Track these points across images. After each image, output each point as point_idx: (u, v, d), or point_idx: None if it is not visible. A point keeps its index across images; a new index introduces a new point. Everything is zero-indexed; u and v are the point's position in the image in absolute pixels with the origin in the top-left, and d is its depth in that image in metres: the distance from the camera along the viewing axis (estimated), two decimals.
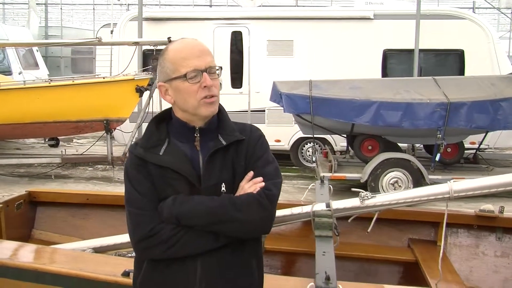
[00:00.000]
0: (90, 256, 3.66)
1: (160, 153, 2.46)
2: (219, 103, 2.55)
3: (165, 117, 2.59)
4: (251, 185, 2.45)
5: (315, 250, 4.31)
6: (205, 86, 2.40)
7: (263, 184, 2.44)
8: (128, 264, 3.15)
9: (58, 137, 15.50)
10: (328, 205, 3.79)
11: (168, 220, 2.39)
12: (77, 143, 17.05)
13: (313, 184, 4.76)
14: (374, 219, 3.83)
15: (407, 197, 3.73)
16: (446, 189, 3.65)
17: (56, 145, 15.86)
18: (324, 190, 4.52)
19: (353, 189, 4.02)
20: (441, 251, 3.70)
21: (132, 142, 12.18)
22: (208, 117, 2.48)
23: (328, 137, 12.76)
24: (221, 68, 2.49)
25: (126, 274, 3.08)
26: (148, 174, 2.44)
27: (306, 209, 3.82)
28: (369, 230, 3.84)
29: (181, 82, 2.41)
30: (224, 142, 2.48)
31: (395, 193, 3.78)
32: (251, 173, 2.48)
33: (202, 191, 2.43)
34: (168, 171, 2.43)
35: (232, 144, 2.50)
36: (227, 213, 2.37)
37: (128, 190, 2.48)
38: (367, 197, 3.74)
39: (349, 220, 3.92)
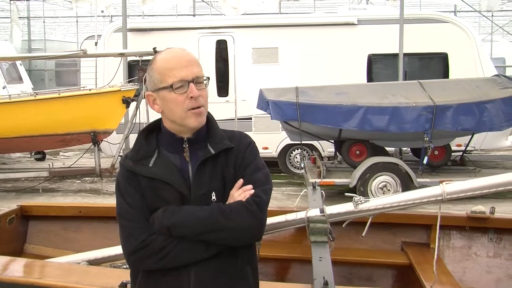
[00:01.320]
0: (85, 269, 3.64)
1: (150, 165, 2.46)
2: (208, 112, 2.56)
3: (155, 128, 2.59)
4: (240, 193, 2.45)
5: (309, 256, 4.32)
6: (191, 97, 2.40)
7: (252, 191, 2.45)
8: (124, 275, 3.14)
9: (44, 151, 15.42)
10: (322, 211, 3.80)
11: (160, 231, 2.40)
12: (64, 156, 16.96)
13: (305, 190, 4.76)
14: (369, 223, 3.84)
15: (401, 200, 3.75)
16: (439, 192, 3.68)
17: (42, 158, 15.78)
18: (317, 195, 4.52)
19: (346, 194, 4.03)
20: (436, 253, 3.73)
21: (122, 154, 12.21)
22: (196, 128, 2.48)
23: (315, 143, 12.80)
24: (208, 78, 2.49)
25: (123, 285, 3.06)
26: (139, 186, 2.45)
27: (301, 215, 3.83)
28: (363, 234, 3.86)
29: (168, 93, 2.42)
30: (213, 151, 2.48)
31: (388, 196, 3.79)
32: (240, 181, 2.48)
33: (193, 201, 2.44)
34: (158, 183, 2.44)
35: (222, 153, 2.50)
36: (217, 222, 2.37)
37: (119, 202, 2.49)
38: (361, 201, 3.75)
39: (343, 225, 3.93)
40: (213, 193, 2.45)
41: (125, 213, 2.45)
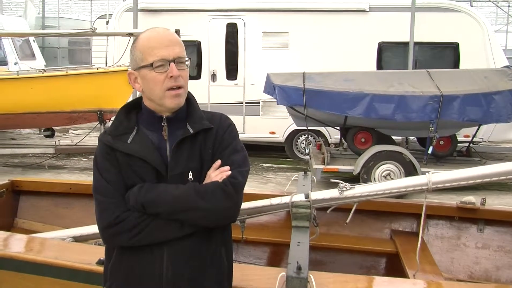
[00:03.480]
0: (69, 245, 3.67)
1: (128, 141, 2.47)
2: (189, 92, 2.56)
3: (135, 105, 2.60)
4: (217, 173, 2.46)
5: None
6: (171, 76, 2.40)
7: (229, 172, 2.45)
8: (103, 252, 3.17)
9: (54, 128, 15.50)
10: (306, 196, 3.80)
11: (134, 208, 2.41)
12: (73, 133, 17.05)
13: (297, 175, 4.76)
14: (353, 210, 3.83)
15: (386, 188, 3.73)
16: (425, 181, 3.66)
17: (51, 135, 15.82)
18: (307, 181, 4.53)
19: (332, 180, 4.02)
20: (419, 242, 3.72)
21: (102, 131, 12.25)
22: (174, 109, 2.48)
23: (322, 129, 12.78)
24: (189, 59, 2.49)
25: (100, 262, 3.09)
26: (116, 162, 2.46)
27: (285, 199, 3.83)
28: (347, 221, 3.85)
29: (148, 71, 2.42)
30: (191, 131, 2.49)
31: (374, 184, 3.77)
32: (218, 162, 2.49)
33: (169, 180, 2.45)
34: (135, 159, 2.44)
35: (200, 133, 2.51)
36: (191, 201, 2.38)
37: (96, 177, 2.50)
38: (346, 188, 3.74)
39: (327, 211, 3.93)
40: (190, 173, 2.46)
41: (100, 188, 2.46)
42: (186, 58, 2.47)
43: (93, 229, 4.00)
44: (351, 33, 13.16)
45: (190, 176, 2.47)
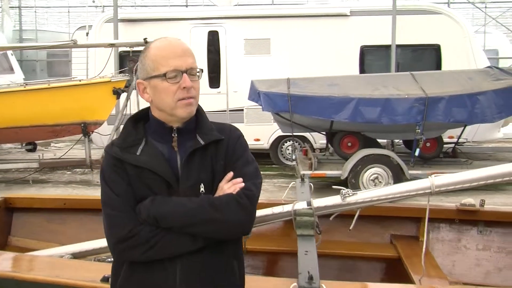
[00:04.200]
0: (69, 262, 3.59)
1: (137, 153, 2.41)
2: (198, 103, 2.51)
3: (143, 116, 2.54)
4: (230, 185, 2.41)
5: (297, 249, 4.29)
6: (184, 87, 2.35)
7: (243, 184, 2.40)
8: (107, 269, 3.07)
9: (35, 142, 15.33)
10: (309, 204, 3.75)
11: (147, 222, 2.35)
12: (55, 147, 16.89)
13: (294, 182, 4.71)
14: (356, 216, 3.80)
15: (389, 193, 3.70)
16: (428, 184, 3.63)
17: (33, 149, 15.68)
18: (305, 188, 4.48)
19: (334, 186, 3.98)
20: (424, 246, 3.69)
21: (109, 142, 12.14)
22: (185, 119, 2.43)
23: (307, 134, 12.77)
24: (202, 70, 2.44)
25: (105, 279, 3.01)
26: (125, 175, 2.39)
27: (287, 208, 3.78)
28: (351, 227, 3.81)
29: (160, 81, 2.37)
30: (202, 142, 2.44)
31: (376, 189, 3.75)
32: (230, 174, 2.44)
33: (180, 192, 2.39)
34: (146, 172, 2.38)
35: (211, 144, 2.46)
36: (206, 214, 2.33)
37: (105, 191, 2.43)
38: (349, 194, 3.70)
39: (330, 218, 3.88)
40: (202, 185, 2.41)
41: (110, 202, 2.39)
42: (198, 69, 2.42)
43: (92, 244, 3.93)
44: (333, 37, 13.20)
45: (202, 188, 2.41)
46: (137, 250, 2.34)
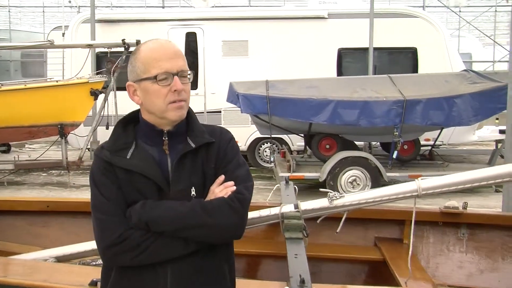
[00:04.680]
0: (53, 266, 3.53)
1: (128, 157, 2.37)
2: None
3: (132, 119, 2.50)
4: (222, 189, 2.39)
5: (282, 252, 4.26)
6: (175, 90, 2.32)
7: (234, 188, 2.38)
8: (94, 273, 3.05)
9: (10, 143, 15.15)
10: (296, 206, 3.75)
11: (138, 226, 2.32)
12: (29, 148, 16.72)
13: (278, 185, 4.71)
14: (343, 219, 3.80)
15: (376, 196, 3.71)
16: (414, 187, 3.65)
17: (7, 151, 15.50)
18: (290, 191, 4.47)
19: (321, 189, 3.99)
20: (410, 249, 3.71)
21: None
22: (176, 122, 2.40)
23: (285, 136, 12.80)
24: (192, 72, 2.42)
25: (93, 283, 2.96)
26: (115, 178, 2.36)
27: (274, 211, 3.77)
28: (338, 230, 3.82)
29: (151, 84, 2.34)
30: (193, 145, 2.41)
31: (363, 192, 3.76)
32: (222, 177, 2.41)
33: (172, 196, 2.36)
34: (136, 175, 2.35)
35: (202, 147, 2.43)
36: (198, 218, 2.30)
37: (95, 195, 2.39)
38: (336, 197, 3.71)
39: (318, 221, 3.89)
40: (193, 189, 2.38)
41: (100, 206, 2.35)
42: (189, 72, 2.39)
43: (76, 248, 3.88)
44: (310, 40, 13.25)
45: (193, 192, 2.39)
46: (128, 254, 2.31)
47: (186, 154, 2.40)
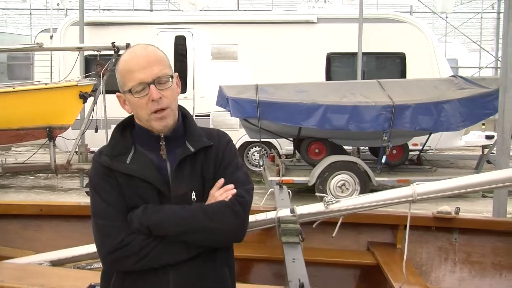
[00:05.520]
0: (50, 270, 3.52)
1: (127, 162, 2.38)
2: (184, 108, 2.50)
3: (129, 123, 2.51)
4: (222, 192, 2.40)
5: (276, 256, 4.27)
6: (153, 100, 2.32)
7: (234, 191, 2.40)
8: (92, 277, 3.05)
9: None
10: (292, 211, 3.76)
11: (139, 231, 2.32)
12: (16, 151, 16.61)
13: (272, 189, 4.72)
14: (339, 223, 3.82)
15: (372, 200, 3.73)
16: (410, 192, 3.67)
17: None
18: (284, 195, 4.49)
19: (317, 194, 4.00)
20: (405, 253, 3.73)
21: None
22: (163, 131, 2.40)
23: (273, 140, 12.80)
24: (172, 76, 2.38)
25: None
26: (116, 183, 2.37)
27: (271, 215, 3.78)
28: (333, 235, 3.83)
29: (130, 96, 2.35)
30: (192, 149, 2.42)
31: (359, 197, 3.78)
32: (221, 180, 2.43)
33: (172, 200, 2.37)
34: (136, 180, 2.36)
35: (201, 151, 2.44)
36: (200, 222, 2.32)
37: (95, 200, 2.39)
38: (332, 202, 3.73)
39: (314, 225, 3.90)
40: (193, 193, 2.39)
41: (101, 212, 2.36)
42: (168, 75, 2.36)
43: (71, 252, 3.87)
44: (299, 44, 13.28)
45: (193, 196, 2.40)
46: (130, 260, 2.32)
47: (185, 158, 2.41)
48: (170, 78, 2.37)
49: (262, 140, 10.85)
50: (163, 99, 2.33)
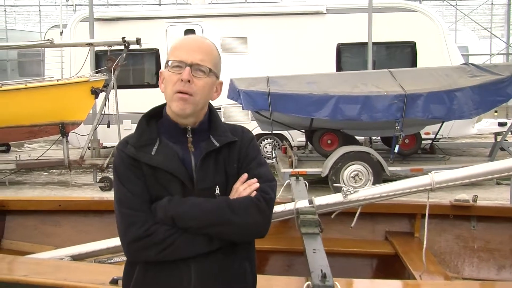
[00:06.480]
0: (72, 265, 3.54)
1: (152, 153, 2.38)
2: (210, 103, 2.50)
3: (155, 114, 2.51)
4: (245, 187, 2.40)
5: (293, 248, 4.29)
6: (182, 80, 2.33)
7: (258, 185, 2.39)
8: (114, 271, 3.06)
9: (9, 143, 15.13)
10: (310, 202, 3.77)
11: (163, 221, 2.33)
12: (29, 147, 16.68)
13: (289, 181, 4.73)
14: (358, 213, 3.82)
15: (390, 190, 3.73)
16: (428, 181, 3.67)
17: (7, 150, 15.47)
18: (301, 186, 4.49)
19: (335, 184, 4.01)
20: (425, 242, 3.73)
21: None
22: (178, 114, 2.39)
23: (285, 132, 12.79)
24: (211, 71, 2.39)
25: (114, 282, 2.97)
26: (141, 174, 2.37)
27: (289, 206, 3.79)
28: (352, 225, 3.84)
29: (166, 69, 2.38)
30: (217, 144, 2.42)
31: (377, 186, 3.78)
32: (245, 175, 2.42)
33: (196, 194, 2.37)
34: (161, 172, 2.36)
35: (224, 146, 2.44)
36: (224, 216, 2.32)
37: (119, 190, 2.39)
38: (350, 192, 3.73)
39: (332, 216, 3.91)
40: (217, 187, 2.39)
41: (126, 201, 2.36)
42: (208, 68, 2.37)
43: (92, 246, 3.89)
44: (309, 35, 13.26)
45: (217, 191, 2.40)
46: (153, 249, 2.32)
47: (210, 152, 2.41)
48: (209, 72, 2.38)
49: (274, 132, 10.86)
50: (191, 85, 2.34)
